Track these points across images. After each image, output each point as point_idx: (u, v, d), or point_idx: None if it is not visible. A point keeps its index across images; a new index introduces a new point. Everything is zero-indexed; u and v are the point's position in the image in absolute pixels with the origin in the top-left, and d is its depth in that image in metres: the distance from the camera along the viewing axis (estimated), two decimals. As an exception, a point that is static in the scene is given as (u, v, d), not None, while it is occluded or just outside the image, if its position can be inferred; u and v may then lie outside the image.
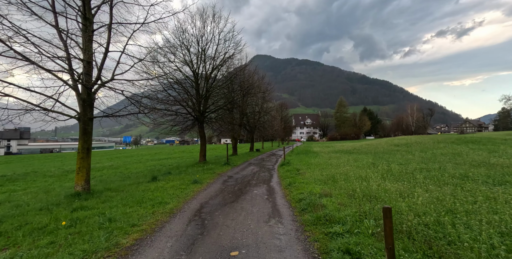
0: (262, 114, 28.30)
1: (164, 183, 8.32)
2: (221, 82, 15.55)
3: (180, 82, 14.48)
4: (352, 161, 11.63)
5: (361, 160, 11.94)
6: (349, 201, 4.78)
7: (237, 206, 5.44)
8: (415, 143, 21.52)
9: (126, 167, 20.04)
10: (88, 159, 6.35)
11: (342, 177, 7.17)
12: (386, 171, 7.59)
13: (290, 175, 9.12)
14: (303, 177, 8.29)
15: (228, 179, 9.46)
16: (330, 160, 13.03)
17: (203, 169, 12.06)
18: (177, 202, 5.70)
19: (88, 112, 6.24)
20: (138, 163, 23.93)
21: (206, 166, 13.59)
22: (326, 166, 10.33)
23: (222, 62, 14.35)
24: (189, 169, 12.69)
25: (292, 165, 11.81)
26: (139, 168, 18.88)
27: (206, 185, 8.11)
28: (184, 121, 15.76)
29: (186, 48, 14.08)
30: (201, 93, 15.51)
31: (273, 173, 10.86)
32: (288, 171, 10.18)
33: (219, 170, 11.90)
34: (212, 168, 12.40)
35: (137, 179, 10.14)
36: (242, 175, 10.31)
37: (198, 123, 15.71)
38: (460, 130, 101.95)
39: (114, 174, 14.65)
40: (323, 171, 8.90)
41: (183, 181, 8.58)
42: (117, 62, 7.05)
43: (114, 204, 5.41)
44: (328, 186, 6.46)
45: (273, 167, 13.14)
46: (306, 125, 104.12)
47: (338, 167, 9.44)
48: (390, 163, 9.42)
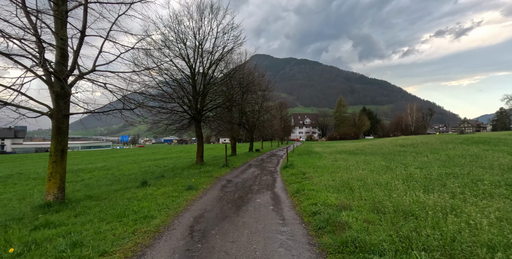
0: (262, 113, 27.36)
1: (155, 188, 7.37)
2: (219, 79, 14.60)
3: (176, 78, 13.50)
4: (362, 163, 10.74)
5: (371, 162, 11.06)
6: (377, 218, 3.87)
7: (238, 221, 4.51)
8: (421, 143, 20.71)
9: (119, 168, 19.03)
10: (63, 162, 5.38)
11: (358, 183, 6.26)
12: (406, 176, 6.69)
13: (296, 180, 8.21)
14: (312, 183, 7.37)
15: (227, 183, 8.52)
16: (337, 162, 12.14)
17: (200, 172, 11.11)
18: (166, 216, 4.75)
19: (63, 108, 5.27)
20: (133, 164, 22.91)
21: (203, 168, 12.65)
22: (335, 169, 9.43)
23: (220, 56, 13.38)
24: (185, 171, 11.74)
25: (297, 168, 10.90)
26: (133, 169, 17.89)
27: (202, 191, 7.16)
28: (180, 120, 14.79)
29: (182, 41, 13.10)
30: (198, 90, 14.55)
31: (276, 176, 9.95)
32: (293, 174, 9.26)
33: (217, 172, 10.96)
34: (209, 171, 11.46)
35: (126, 183, 9.18)
36: (242, 179, 9.38)
37: (195, 122, 14.75)
38: (460, 130, 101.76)
39: (105, 176, 13.66)
40: (333, 176, 8.00)
41: (176, 186, 7.63)
42: (99, 50, 6.08)
43: (89, 218, 4.46)
44: (344, 195, 5.54)
45: (275, 169, 12.22)
46: (305, 125, 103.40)
47: (349, 171, 8.54)
48: (407, 166, 8.53)
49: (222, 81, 14.54)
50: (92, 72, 6.00)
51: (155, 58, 12.48)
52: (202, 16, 13.03)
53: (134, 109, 7.71)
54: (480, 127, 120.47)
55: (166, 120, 14.03)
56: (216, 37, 13.13)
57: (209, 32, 12.88)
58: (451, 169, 7.29)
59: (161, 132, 14.30)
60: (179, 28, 12.92)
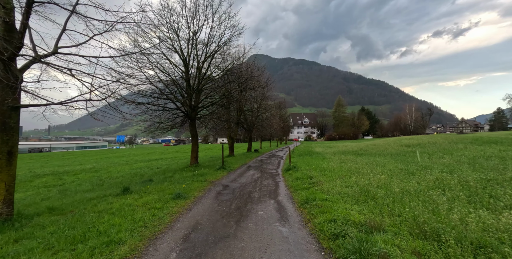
0: (261, 111, 26.23)
1: (137, 197, 6.20)
2: (216, 73, 13.44)
3: (167, 72, 12.30)
4: (373, 165, 9.65)
5: (383, 164, 9.97)
6: (431, 248, 2.75)
7: (236, 247, 3.37)
8: (428, 143, 19.74)
9: (109, 169, 17.78)
10: (10, 168, 4.19)
11: (380, 192, 5.15)
12: (437, 183, 5.60)
13: (303, 185, 7.09)
14: (322, 189, 6.25)
15: (223, 190, 7.37)
16: (344, 163, 11.04)
17: (193, 175, 9.94)
18: (139, 239, 3.58)
19: (9, 98, 4.08)
20: (124, 165, 21.65)
21: (197, 170, 11.48)
22: (345, 172, 8.32)
23: (216, 48, 12.22)
24: (177, 175, 10.57)
25: (301, 171, 9.77)
26: (123, 171, 16.66)
27: (193, 200, 6.00)
28: (172, 117, 13.60)
29: (175, 31, 11.92)
30: (192, 86, 13.37)
31: (279, 180, 8.82)
32: (298, 179, 8.13)
33: (212, 176, 9.80)
34: (204, 174, 10.30)
35: (107, 189, 7.99)
36: (240, 184, 8.24)
37: (189, 121, 13.57)
38: (459, 130, 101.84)
39: (89, 179, 12.43)
40: (346, 181, 6.89)
41: (162, 194, 6.46)
42: (62, 27, 4.90)
43: (33, 245, 3.28)
44: (367, 207, 4.43)
45: (276, 172, 11.09)
46: (304, 125, 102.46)
47: (363, 175, 7.44)
48: (429, 170, 7.45)
49: (218, 76, 13.38)
50: (53, 55, 4.81)
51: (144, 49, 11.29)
52: (196, 4, 11.87)
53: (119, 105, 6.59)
54: (477, 127, 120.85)
55: (156, 118, 12.83)
56: (212, 27, 11.96)
57: (204, 22, 11.72)
58: (485, 174, 6.21)
59: (151, 130, 13.09)
60: (171, 17, 11.74)
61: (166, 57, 12.08)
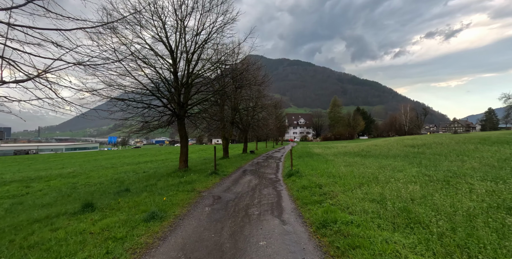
0: (258, 111, 24.84)
1: (98, 217, 4.70)
2: (207, 67, 11.96)
3: (152, 64, 10.78)
4: (389, 169, 8.35)
5: (399, 168, 8.68)
6: None
7: None
8: (434, 143, 18.71)
9: (89, 174, 16.05)
10: None
11: (426, 211, 3.80)
12: (494, 197, 4.30)
13: (312, 197, 5.71)
14: (339, 204, 4.89)
15: (214, 203, 5.93)
16: (352, 167, 9.72)
17: (180, 183, 8.46)
18: None
19: None
20: (109, 169, 19.89)
21: (186, 176, 9.99)
22: (360, 179, 6.99)
23: (208, 36, 10.75)
24: (161, 182, 9.06)
25: (306, 176, 8.40)
26: (105, 176, 14.98)
27: (171, 223, 4.52)
28: (159, 116, 12.06)
29: (159, 18, 10.41)
30: (181, 80, 11.88)
31: (280, 188, 7.43)
32: (305, 188, 6.74)
33: (202, 183, 8.33)
34: (192, 181, 8.82)
35: (70, 203, 6.42)
36: (235, 194, 6.80)
37: (178, 120, 12.07)
38: (454, 130, 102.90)
39: (59, 187, 10.76)
40: (367, 191, 5.54)
41: (134, 211, 4.97)
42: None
43: None
44: (416, 238, 3.07)
45: (276, 177, 9.70)
46: (300, 125, 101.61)
47: (382, 182, 6.12)
48: (463, 177, 6.18)
49: (210, 69, 11.92)
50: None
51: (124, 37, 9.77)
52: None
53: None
54: (469, 127, 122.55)
55: (139, 117, 11.27)
56: (202, 12, 10.50)
57: (193, 5, 10.25)
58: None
59: (134, 131, 11.50)
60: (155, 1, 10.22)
61: (150, 47, 10.56)
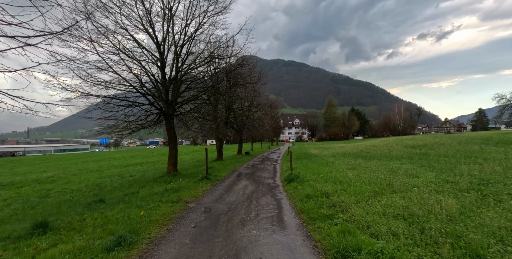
0: (253, 110, 23.88)
1: (47, 244, 3.61)
2: (199, 61, 10.91)
3: (136, 58, 9.67)
4: (401, 174, 7.48)
5: (411, 172, 7.83)
6: None
7: None
8: (435, 144, 18.12)
9: (71, 179, 14.72)
10: None
11: (481, 237, 2.90)
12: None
13: (320, 210, 4.76)
14: (355, 220, 3.96)
15: (201, 219, 4.91)
16: (359, 171, 8.84)
17: (165, 191, 7.39)
18: None
19: None
20: (94, 172, 18.54)
21: (173, 182, 8.93)
22: (371, 186, 6.09)
23: (198, 27, 9.71)
24: (144, 189, 7.98)
25: (308, 182, 7.46)
26: (86, 181, 13.70)
27: (142, 250, 3.46)
28: (144, 115, 10.95)
29: (143, 5, 9.31)
30: (170, 75, 10.82)
31: (281, 197, 6.46)
32: (309, 197, 5.79)
33: (191, 191, 7.28)
34: (180, 188, 7.77)
35: (23, 221, 5.29)
36: (228, 205, 5.80)
37: (166, 119, 10.98)
38: (447, 130, 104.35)
39: (27, 196, 9.47)
40: (385, 202, 4.63)
41: (98, 234, 3.91)
42: None
43: None
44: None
45: (275, 182, 8.74)
46: (295, 126, 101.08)
47: (399, 190, 5.23)
48: (493, 184, 5.36)
49: (202, 64, 10.85)
50: None
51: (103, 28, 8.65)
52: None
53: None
54: (461, 127, 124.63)
55: (121, 116, 10.13)
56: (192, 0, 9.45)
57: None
58: None
59: (115, 131, 10.32)
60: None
61: (133, 37, 9.44)
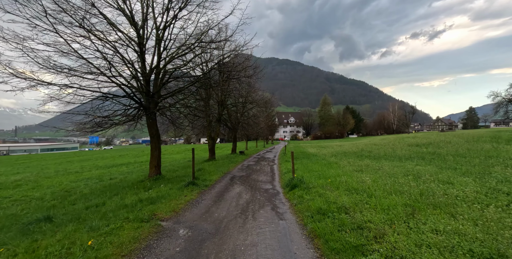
0: (248, 107, 22.43)
1: None
2: (186, 47, 9.37)
3: (107, 39, 8.06)
4: (429, 180, 6.21)
5: (438, 176, 6.59)
6: None
7: None
8: (441, 142, 17.12)
9: (40, 183, 12.96)
10: None
11: None
12: None
13: (344, 236, 3.41)
14: (402, 258, 2.63)
15: (175, 251, 3.44)
16: (372, 174, 7.55)
17: (138, 202, 5.90)
18: None
19: None
20: (72, 174, 16.76)
21: (153, 189, 7.45)
22: (400, 196, 4.78)
23: (184, 4, 8.17)
24: (114, 200, 6.46)
25: (315, 189, 6.10)
26: (57, 185, 11.96)
27: None
28: (123, 109, 9.37)
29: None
30: (151, 64, 9.25)
31: (284, 210, 5.09)
32: (322, 213, 4.42)
33: (171, 203, 5.81)
34: (159, 197, 6.29)
35: None
36: (215, 225, 4.37)
37: (146, 114, 9.43)
38: (441, 128, 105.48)
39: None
40: (435, 226, 3.32)
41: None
42: None
43: None
44: None
45: (274, 188, 7.36)
46: (290, 124, 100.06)
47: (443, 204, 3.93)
48: None
49: (189, 49, 9.31)
50: None
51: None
52: None
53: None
54: (452, 125, 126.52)
55: (94, 111, 8.52)
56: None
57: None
58: None
59: (85, 128, 8.70)
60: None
61: (103, 15, 7.82)
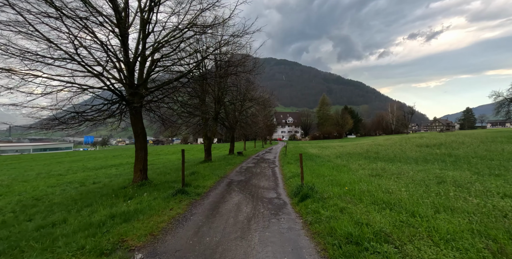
0: (247, 105, 21.17)
1: None
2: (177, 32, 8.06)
3: (78, 16, 6.72)
4: (479, 191, 5.00)
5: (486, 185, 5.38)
6: None
7: None
8: (453, 142, 16.04)
9: (12, 188, 11.49)
10: None
11: None
12: None
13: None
14: None
15: None
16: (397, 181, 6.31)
17: (108, 219, 4.57)
18: None
19: None
20: (53, 177, 15.28)
21: (134, 199, 6.13)
22: (457, 215, 3.55)
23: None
24: (80, 215, 5.13)
25: (332, 200, 4.84)
26: (30, 191, 10.50)
27: None
28: (102, 104, 8.02)
29: None
30: (136, 49, 7.93)
31: (297, 231, 3.81)
32: (352, 241, 3.15)
33: (149, 222, 4.49)
34: (136, 212, 4.96)
35: None
36: (205, 255, 3.09)
37: (129, 109, 8.09)
38: (440, 128, 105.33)
39: None
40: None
41: None
42: None
43: None
44: None
45: (280, 198, 6.08)
46: (288, 124, 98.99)
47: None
48: None
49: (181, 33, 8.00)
50: None
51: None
52: None
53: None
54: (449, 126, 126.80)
55: (63, 105, 7.14)
56: None
57: None
58: None
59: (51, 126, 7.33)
60: None
61: None
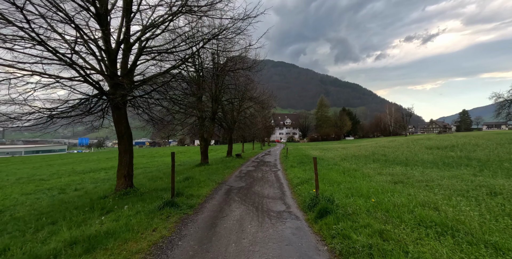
0: (246, 105, 20.05)
1: None
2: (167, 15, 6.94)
3: None
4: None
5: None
6: None
7: None
8: (466, 144, 15.09)
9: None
10: None
11: None
12: None
13: None
14: None
15: None
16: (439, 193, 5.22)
17: (65, 247, 3.39)
18: None
19: None
20: (33, 182, 13.91)
21: (111, 214, 4.94)
22: None
23: None
24: (32, 239, 3.89)
25: (360, 217, 3.70)
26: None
27: None
28: (78, 98, 6.80)
29: None
30: (118, 36, 6.77)
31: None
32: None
33: (121, 251, 3.32)
34: (108, 235, 3.75)
35: None
36: None
37: (111, 106, 6.90)
38: (439, 130, 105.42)
39: None
40: None
41: None
42: None
43: None
44: None
45: (290, 213, 4.93)
46: (286, 126, 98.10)
47: None
48: None
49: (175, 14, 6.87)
50: None
51: None
52: None
53: None
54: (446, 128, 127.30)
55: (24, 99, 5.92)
56: None
57: None
58: None
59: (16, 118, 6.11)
60: None
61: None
